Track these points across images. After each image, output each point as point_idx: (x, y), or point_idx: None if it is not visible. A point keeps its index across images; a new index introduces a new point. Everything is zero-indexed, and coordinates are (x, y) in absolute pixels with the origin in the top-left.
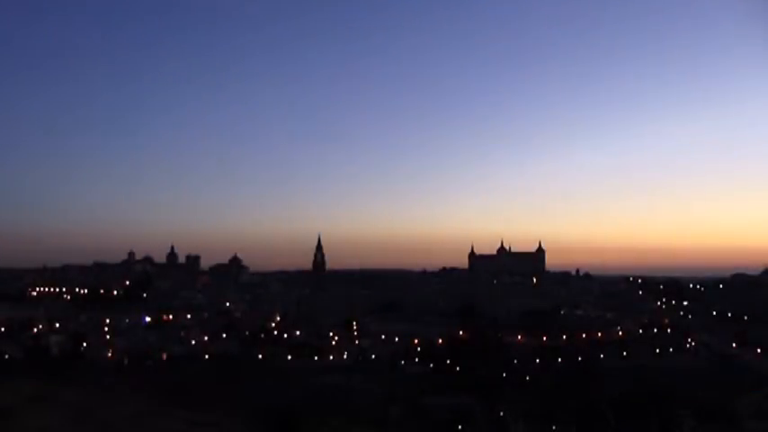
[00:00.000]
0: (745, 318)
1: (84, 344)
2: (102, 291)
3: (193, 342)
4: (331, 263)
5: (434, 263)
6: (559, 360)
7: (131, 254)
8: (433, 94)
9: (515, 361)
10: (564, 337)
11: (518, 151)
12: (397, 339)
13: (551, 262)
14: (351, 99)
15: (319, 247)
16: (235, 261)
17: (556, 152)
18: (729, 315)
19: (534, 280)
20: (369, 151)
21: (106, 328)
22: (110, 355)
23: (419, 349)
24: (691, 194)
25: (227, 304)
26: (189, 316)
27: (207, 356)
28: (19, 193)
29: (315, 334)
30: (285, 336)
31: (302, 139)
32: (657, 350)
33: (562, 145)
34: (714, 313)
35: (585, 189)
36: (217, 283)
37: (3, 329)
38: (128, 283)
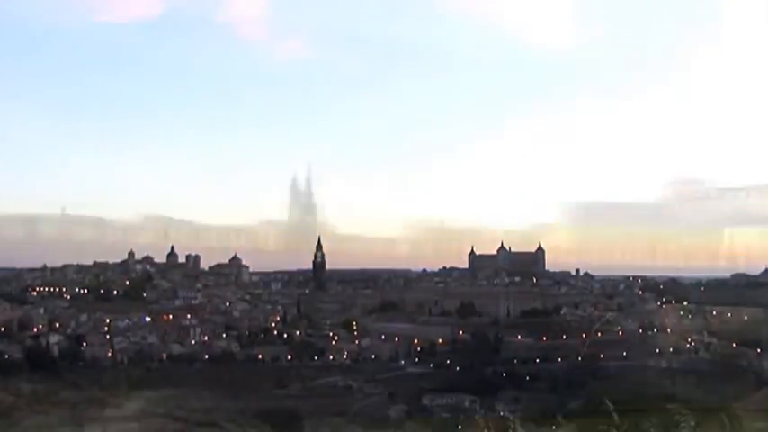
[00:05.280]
0: (745, 318)
1: (84, 344)
2: (102, 291)
3: (193, 342)
4: (331, 263)
5: (434, 263)
6: (559, 360)
7: (131, 254)
8: (433, 96)
9: (515, 361)
10: (564, 337)
11: (519, 151)
12: (397, 339)
13: (551, 262)
14: (351, 100)
15: (319, 247)
16: (235, 261)
17: (558, 152)
18: (729, 315)
19: (534, 280)
20: (369, 151)
21: (106, 328)
22: (109, 354)
23: (419, 349)
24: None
25: (227, 304)
26: (189, 316)
27: (207, 356)
28: (19, 193)
29: (315, 334)
30: (285, 336)
31: (302, 139)
32: (657, 350)
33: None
34: (714, 313)
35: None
36: (217, 283)
37: (3, 329)
38: (128, 283)
